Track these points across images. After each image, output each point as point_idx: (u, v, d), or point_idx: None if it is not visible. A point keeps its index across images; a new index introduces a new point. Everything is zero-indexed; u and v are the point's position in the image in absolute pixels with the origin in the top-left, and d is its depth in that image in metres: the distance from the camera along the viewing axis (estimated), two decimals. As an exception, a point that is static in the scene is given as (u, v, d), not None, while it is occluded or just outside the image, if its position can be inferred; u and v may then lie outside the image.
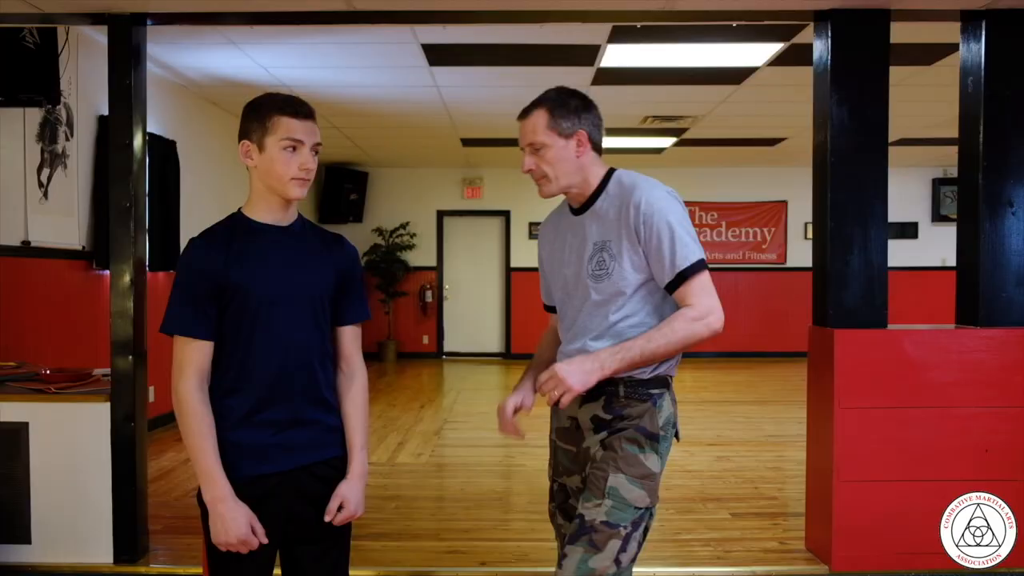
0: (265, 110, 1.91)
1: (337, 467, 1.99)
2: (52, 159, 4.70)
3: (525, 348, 10.30)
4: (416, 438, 5.76)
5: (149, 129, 3.81)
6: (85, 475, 3.27)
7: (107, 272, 5.04)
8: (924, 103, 6.72)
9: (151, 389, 4.10)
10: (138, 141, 3.45)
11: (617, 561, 1.90)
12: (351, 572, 2.08)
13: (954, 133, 3.62)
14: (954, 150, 3.65)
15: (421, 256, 10.70)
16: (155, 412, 5.44)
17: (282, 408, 1.92)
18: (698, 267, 1.92)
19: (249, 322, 1.90)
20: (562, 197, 2.13)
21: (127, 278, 3.37)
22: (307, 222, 2.07)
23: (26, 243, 4.47)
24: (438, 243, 10.79)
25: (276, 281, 1.92)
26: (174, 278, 1.93)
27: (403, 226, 10.51)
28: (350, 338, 2.06)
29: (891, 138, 3.43)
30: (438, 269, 10.79)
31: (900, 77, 4.25)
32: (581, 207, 2.06)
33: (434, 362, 10.54)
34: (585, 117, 2.03)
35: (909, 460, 3.22)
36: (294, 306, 1.94)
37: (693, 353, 10.58)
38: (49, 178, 4.67)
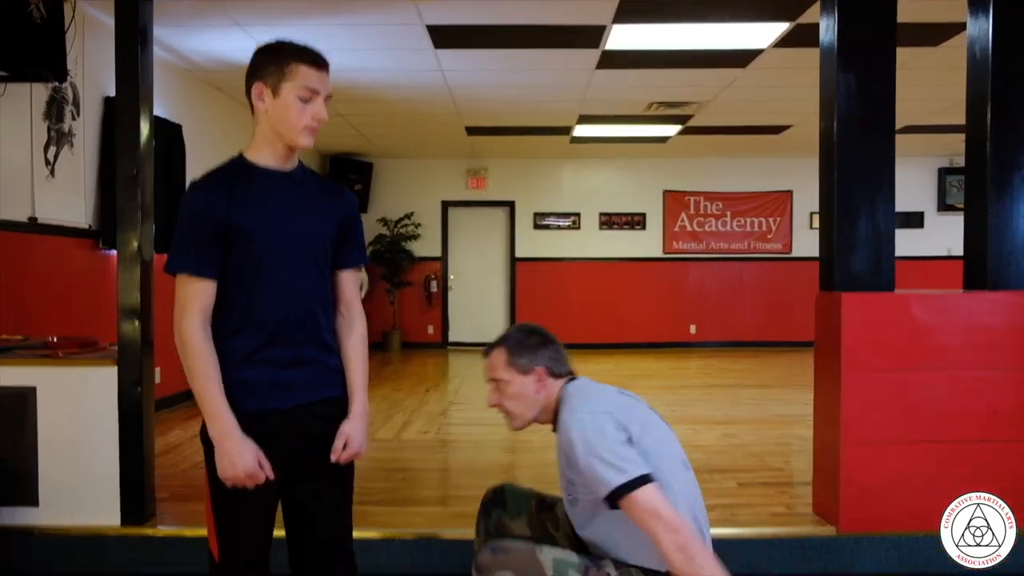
0: (284, 56, 1.91)
1: (338, 407, 2.01)
2: (58, 138, 4.72)
3: (530, 339, 10.30)
4: (422, 418, 5.77)
5: (155, 112, 3.82)
6: (92, 439, 3.28)
7: (114, 252, 5.07)
8: (930, 87, 6.71)
9: (157, 371, 4.09)
10: (144, 117, 3.45)
11: None
12: (356, 534, 2.09)
13: (961, 119, 3.62)
14: (960, 138, 3.64)
15: (426, 247, 10.72)
16: (161, 393, 5.45)
17: (284, 349, 1.94)
18: (625, 489, 1.85)
19: (252, 268, 1.91)
20: None
21: (134, 245, 3.38)
22: (307, 169, 2.08)
23: (32, 219, 4.48)
24: (443, 233, 10.80)
25: (278, 227, 1.93)
26: (177, 222, 1.93)
27: (408, 216, 10.53)
28: (349, 283, 2.08)
29: (897, 125, 3.42)
30: (443, 259, 10.81)
31: (905, 59, 4.22)
32: (554, 427, 2.15)
33: (439, 352, 10.54)
34: (542, 353, 2.12)
35: (916, 422, 3.22)
36: (296, 253, 1.95)
37: (698, 342, 10.60)
38: (56, 156, 4.69)
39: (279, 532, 2.01)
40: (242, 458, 1.84)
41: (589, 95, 7.26)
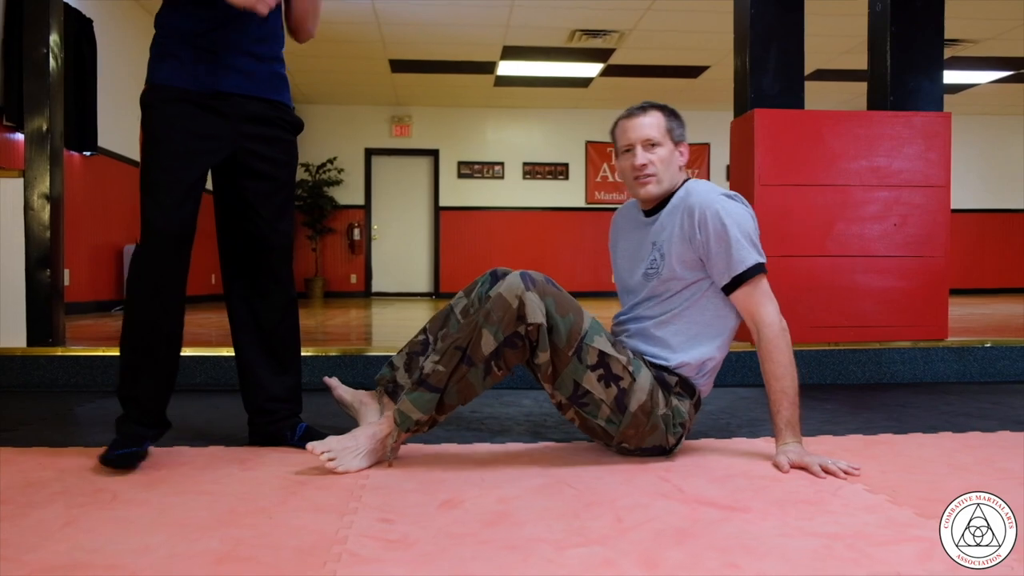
0: None
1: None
2: (-41, -4, 4.49)
3: (453, 287, 10.29)
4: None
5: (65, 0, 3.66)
6: (-4, 256, 3.14)
7: (19, 136, 4.85)
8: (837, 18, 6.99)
9: (66, 272, 3.90)
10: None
11: None
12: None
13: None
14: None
15: (349, 194, 10.59)
16: (72, 298, 5.24)
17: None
18: (756, 270, 1.91)
19: None
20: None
21: (42, 126, 3.20)
22: None
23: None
24: (366, 181, 10.70)
25: None
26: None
27: (330, 161, 10.39)
28: None
29: (807, 70, 3.53)
30: (366, 208, 10.70)
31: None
32: (652, 210, 2.09)
33: (362, 300, 10.42)
34: (685, 134, 2.10)
35: (824, 236, 3.37)
36: None
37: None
38: (-44, 15, 4.45)
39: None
40: None
41: (513, 20, 7.32)
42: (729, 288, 1.93)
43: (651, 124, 2.04)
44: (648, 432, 1.89)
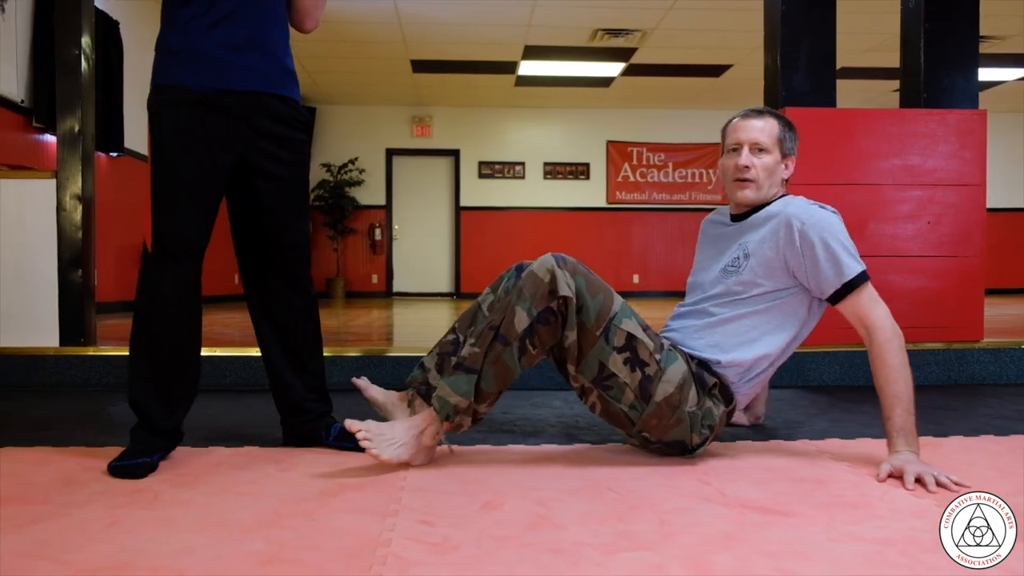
0: None
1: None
2: (-11, -1, 4.54)
3: (474, 287, 10.30)
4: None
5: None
6: (30, 255, 3.16)
7: (49, 137, 4.89)
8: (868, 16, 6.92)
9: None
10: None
11: None
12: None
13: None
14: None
15: (370, 195, 10.62)
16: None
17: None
18: (861, 278, 1.91)
19: None
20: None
21: (74, 127, 3.23)
22: None
23: (-38, 77, 4.30)
24: (387, 182, 10.72)
25: None
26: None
27: (352, 161, 10.42)
28: None
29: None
30: (387, 208, 10.72)
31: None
32: (741, 215, 2.08)
33: (383, 301, 10.44)
34: (795, 149, 2.07)
35: (856, 236, 3.32)
36: None
37: (642, 291, 10.74)
38: (-14, 18, 4.51)
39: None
40: None
41: (535, 19, 7.30)
42: (836, 298, 1.91)
43: (763, 129, 2.02)
44: (672, 425, 1.86)
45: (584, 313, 1.81)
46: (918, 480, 1.67)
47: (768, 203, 2.04)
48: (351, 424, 1.76)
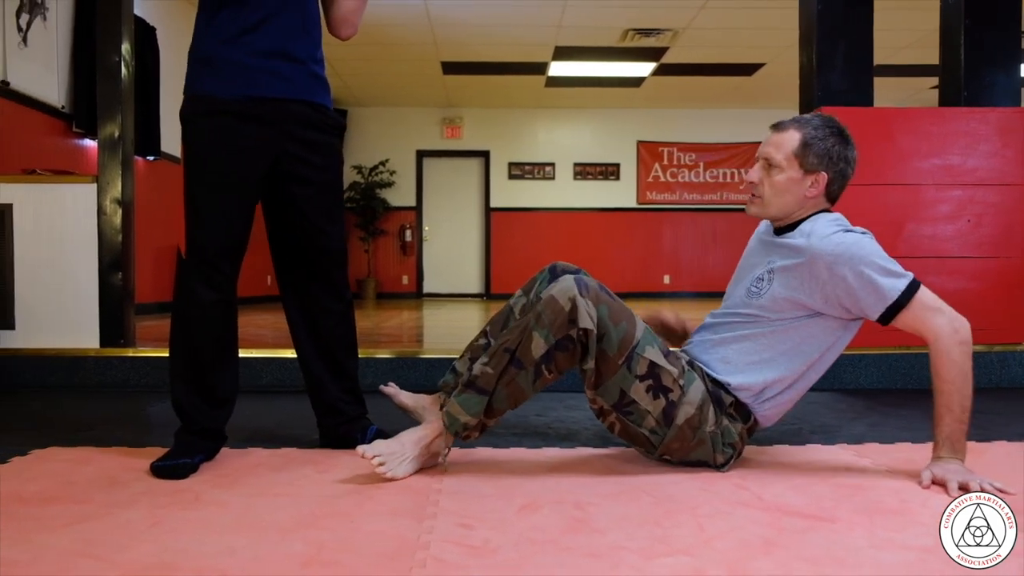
0: None
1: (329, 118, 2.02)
2: (31, 6, 4.63)
3: (505, 288, 10.31)
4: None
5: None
6: (71, 259, 3.22)
7: (88, 142, 4.98)
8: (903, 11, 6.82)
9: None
10: (127, 3, 3.37)
11: None
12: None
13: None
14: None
15: (400, 196, 10.68)
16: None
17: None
18: (908, 293, 1.78)
19: None
20: None
21: (114, 132, 3.27)
22: None
23: (4, 83, 4.39)
24: (417, 183, 10.77)
25: None
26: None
27: (383, 163, 10.49)
28: None
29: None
30: (417, 209, 10.77)
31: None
32: (780, 229, 1.98)
33: (414, 302, 10.49)
34: (834, 162, 1.89)
35: (895, 237, 3.27)
36: None
37: (672, 292, 10.68)
38: (28, 24, 4.60)
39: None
40: None
41: (565, 20, 7.29)
42: (886, 319, 1.81)
43: (778, 144, 1.89)
44: (694, 447, 1.83)
45: (606, 342, 1.76)
46: (962, 487, 1.64)
47: (801, 221, 1.93)
48: (364, 451, 1.75)
